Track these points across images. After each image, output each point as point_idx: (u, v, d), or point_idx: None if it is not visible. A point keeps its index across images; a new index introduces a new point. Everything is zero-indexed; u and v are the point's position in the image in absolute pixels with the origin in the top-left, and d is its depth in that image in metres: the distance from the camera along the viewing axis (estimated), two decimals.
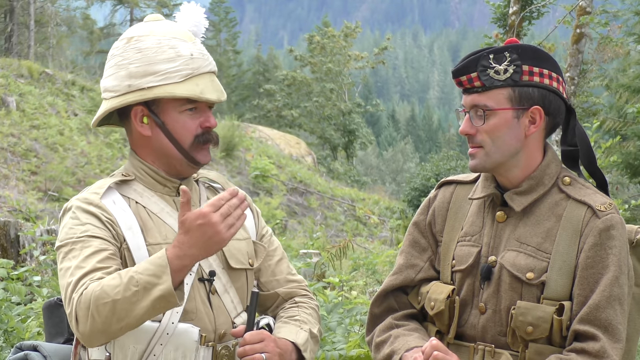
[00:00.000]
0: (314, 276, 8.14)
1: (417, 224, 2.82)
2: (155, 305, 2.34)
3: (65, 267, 2.46)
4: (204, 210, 2.34)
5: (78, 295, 2.37)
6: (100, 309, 2.34)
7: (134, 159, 2.66)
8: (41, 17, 32.41)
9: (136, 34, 2.63)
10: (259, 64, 53.50)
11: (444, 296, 2.67)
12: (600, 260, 2.54)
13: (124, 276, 2.35)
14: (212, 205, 2.35)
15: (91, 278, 2.40)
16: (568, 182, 2.65)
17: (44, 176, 17.28)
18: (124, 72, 2.59)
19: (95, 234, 2.50)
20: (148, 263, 2.36)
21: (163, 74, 2.55)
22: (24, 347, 2.68)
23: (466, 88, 2.63)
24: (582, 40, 12.22)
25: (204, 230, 2.34)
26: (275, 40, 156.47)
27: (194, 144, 2.60)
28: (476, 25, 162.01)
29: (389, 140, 70.93)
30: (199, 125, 2.61)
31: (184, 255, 2.35)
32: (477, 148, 2.63)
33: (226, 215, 2.35)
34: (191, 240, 2.35)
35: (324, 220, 22.77)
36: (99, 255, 2.45)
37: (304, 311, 2.75)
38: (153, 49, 2.58)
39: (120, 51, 2.63)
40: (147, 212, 2.60)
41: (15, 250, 7.46)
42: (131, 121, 2.62)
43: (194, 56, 2.60)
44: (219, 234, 2.35)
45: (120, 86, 2.59)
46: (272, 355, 2.51)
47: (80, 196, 2.59)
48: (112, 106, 2.60)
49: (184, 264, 2.36)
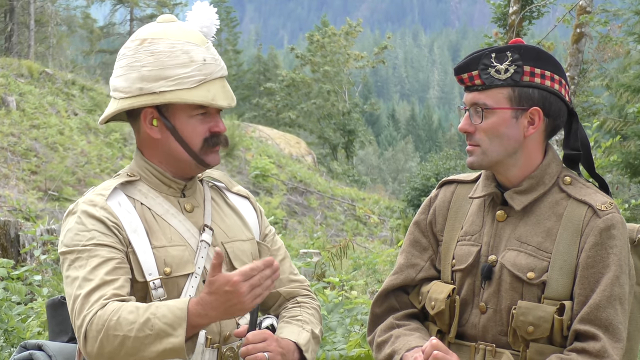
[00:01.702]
0: (314, 276, 8.14)
1: (417, 223, 2.82)
2: (163, 354, 2.36)
3: (72, 276, 2.47)
4: (234, 279, 2.33)
5: (92, 313, 2.38)
6: (111, 340, 2.36)
7: (140, 159, 2.66)
8: (41, 16, 32.41)
9: (149, 35, 2.60)
10: (259, 63, 53.50)
11: (444, 296, 2.67)
12: (601, 260, 2.53)
13: (142, 315, 2.36)
14: (243, 275, 2.34)
15: (103, 295, 2.40)
16: (569, 182, 2.65)
17: (44, 176, 17.29)
18: (135, 74, 2.57)
19: (101, 241, 2.49)
20: (167, 309, 2.37)
21: (176, 79, 2.54)
22: (29, 346, 2.69)
23: (467, 86, 2.63)
24: (582, 39, 12.22)
25: (229, 297, 2.35)
26: (275, 40, 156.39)
27: (203, 147, 2.60)
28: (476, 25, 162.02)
29: (389, 139, 70.93)
30: (208, 130, 2.61)
31: (204, 315, 2.37)
32: (474, 146, 2.63)
33: (255, 287, 2.36)
34: (214, 303, 2.36)
35: (324, 220, 22.78)
36: (106, 266, 2.45)
37: (306, 311, 2.75)
38: (166, 53, 2.56)
39: (133, 52, 2.60)
40: (152, 213, 2.60)
41: (15, 249, 7.47)
42: (140, 122, 2.61)
43: (207, 62, 2.59)
44: (243, 303, 2.36)
45: (131, 88, 2.57)
46: (275, 354, 2.51)
47: (85, 198, 2.59)
48: (122, 107, 2.59)
49: (202, 322, 2.39)
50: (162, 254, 2.54)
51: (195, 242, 2.61)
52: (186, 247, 2.58)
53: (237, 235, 2.71)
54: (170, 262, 2.54)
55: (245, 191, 2.85)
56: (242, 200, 2.82)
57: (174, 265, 2.54)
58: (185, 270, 2.56)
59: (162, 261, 2.54)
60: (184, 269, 2.56)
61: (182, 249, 2.58)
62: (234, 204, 2.79)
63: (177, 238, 2.58)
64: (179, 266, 2.55)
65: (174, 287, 2.54)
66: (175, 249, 2.57)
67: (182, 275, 2.56)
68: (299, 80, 41.36)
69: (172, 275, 2.54)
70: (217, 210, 2.72)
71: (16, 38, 30.73)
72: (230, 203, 2.78)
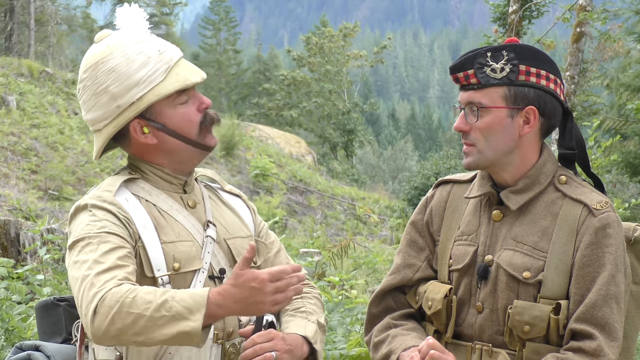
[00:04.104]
0: (315, 275, 8.16)
1: (414, 223, 2.83)
2: (177, 337, 2.32)
3: (81, 259, 2.42)
4: (262, 276, 2.32)
5: (105, 290, 2.33)
6: (123, 316, 2.31)
7: (137, 160, 2.66)
8: (41, 16, 32.40)
9: (97, 57, 2.59)
10: (259, 63, 53.49)
11: (441, 295, 2.68)
12: (597, 259, 2.54)
13: (160, 296, 2.32)
14: (272, 275, 2.34)
15: (115, 276, 2.36)
16: (564, 181, 2.66)
17: (44, 175, 17.30)
18: (105, 97, 2.56)
19: (113, 230, 2.47)
20: (187, 295, 2.34)
21: (145, 80, 2.54)
22: (25, 347, 2.66)
23: (463, 85, 2.63)
24: (582, 39, 12.23)
25: (253, 294, 2.33)
26: (275, 40, 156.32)
27: (200, 131, 2.61)
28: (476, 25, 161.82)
29: (389, 139, 70.87)
30: (197, 111, 2.61)
31: (224, 306, 2.34)
32: (470, 146, 2.63)
33: (280, 291, 2.35)
34: (237, 296, 2.34)
35: (324, 219, 22.78)
36: (118, 252, 2.43)
37: (309, 301, 2.76)
38: (123, 62, 2.55)
39: (91, 80, 2.58)
40: (157, 209, 2.60)
41: (16, 249, 7.48)
42: (131, 137, 2.61)
43: (162, 50, 2.59)
44: (264, 304, 2.34)
45: (108, 112, 2.56)
46: (282, 353, 2.51)
47: (93, 194, 2.58)
48: (110, 132, 2.58)
49: (220, 313, 2.35)
50: (171, 250, 2.54)
51: (201, 237, 2.61)
52: (193, 242, 2.59)
53: (237, 232, 2.72)
54: (179, 258, 2.54)
55: (237, 190, 2.86)
56: (235, 198, 2.83)
57: (182, 261, 2.54)
58: (193, 266, 2.56)
59: (172, 257, 2.54)
60: (192, 264, 2.56)
61: (190, 244, 2.58)
62: (228, 202, 2.80)
63: (184, 234, 2.59)
64: (187, 262, 2.55)
65: (181, 283, 2.54)
66: (184, 245, 2.57)
67: (190, 271, 2.56)
68: (299, 79, 41.36)
69: (181, 271, 2.54)
70: (215, 207, 2.73)
71: (16, 37, 30.72)
72: (226, 201, 2.80)
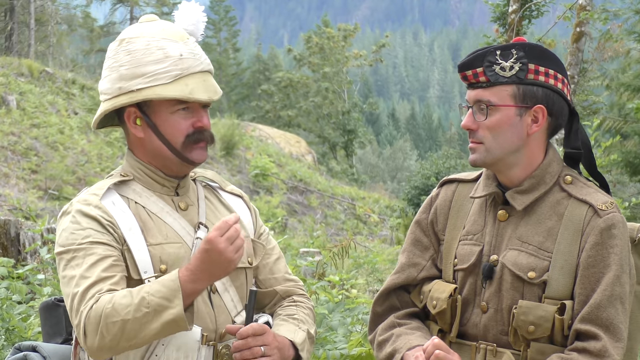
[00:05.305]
0: (315, 274, 8.15)
1: (419, 222, 2.82)
2: (165, 328, 2.38)
3: (69, 275, 2.47)
4: (210, 236, 2.38)
5: (87, 308, 2.39)
6: (110, 328, 2.37)
7: (132, 159, 2.67)
8: (41, 15, 32.40)
9: (127, 35, 2.63)
10: (259, 62, 53.47)
11: (446, 295, 2.67)
12: (602, 260, 2.54)
13: (136, 296, 2.38)
14: (218, 229, 2.38)
15: (99, 290, 2.42)
16: (569, 181, 2.65)
17: (44, 175, 17.30)
18: (115, 74, 2.59)
19: (97, 239, 2.50)
20: (160, 284, 2.39)
21: (151, 75, 2.55)
22: (23, 347, 2.68)
23: (471, 83, 2.63)
24: (582, 39, 12.22)
25: (211, 255, 2.38)
26: (275, 39, 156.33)
27: (185, 144, 2.60)
28: (476, 24, 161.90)
29: (389, 139, 70.88)
30: (190, 125, 2.60)
31: (195, 279, 2.39)
32: (477, 144, 2.63)
33: (233, 239, 2.39)
34: (201, 266, 2.39)
35: (324, 219, 22.79)
36: (103, 263, 2.46)
37: (302, 311, 2.75)
38: (141, 50, 2.57)
39: (113, 53, 2.63)
40: (146, 212, 2.60)
41: (16, 248, 7.47)
42: (125, 122, 2.63)
43: (184, 56, 2.58)
44: (227, 259, 2.39)
45: (112, 89, 2.59)
46: (271, 348, 2.52)
47: (79, 198, 2.60)
48: (105, 108, 2.61)
49: (196, 287, 2.40)
50: (157, 252, 2.55)
51: (191, 239, 2.61)
52: (182, 244, 2.59)
53: None
54: (166, 260, 2.55)
55: (238, 190, 2.86)
56: (236, 199, 2.82)
57: (170, 263, 2.55)
58: (181, 267, 2.57)
59: (158, 259, 2.54)
60: (180, 266, 2.55)
61: (178, 246, 2.58)
62: (228, 202, 2.79)
63: (172, 235, 2.59)
64: (175, 263, 2.55)
65: None
66: (171, 247, 2.57)
67: None
68: (296, 80, 41.36)
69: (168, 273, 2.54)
70: (211, 208, 2.73)
71: (16, 37, 30.73)
72: (225, 202, 2.79)
